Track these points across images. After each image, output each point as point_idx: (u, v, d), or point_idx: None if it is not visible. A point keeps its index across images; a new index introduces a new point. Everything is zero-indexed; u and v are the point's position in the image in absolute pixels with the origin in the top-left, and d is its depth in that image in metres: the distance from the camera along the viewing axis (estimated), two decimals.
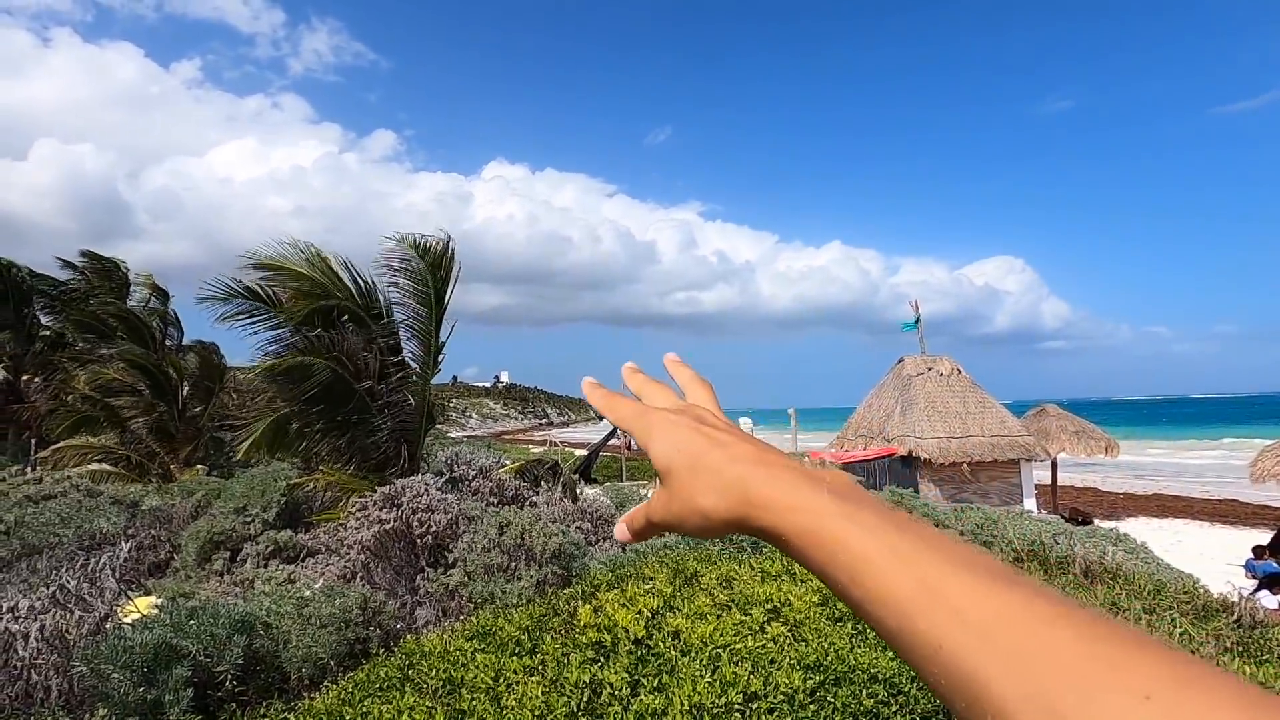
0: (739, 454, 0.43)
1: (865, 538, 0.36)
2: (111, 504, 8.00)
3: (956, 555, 0.35)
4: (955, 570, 0.33)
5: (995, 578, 0.33)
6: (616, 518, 6.45)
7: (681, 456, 0.44)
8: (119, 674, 2.85)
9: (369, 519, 5.30)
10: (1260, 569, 9.85)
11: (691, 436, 0.45)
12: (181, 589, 5.81)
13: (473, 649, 2.56)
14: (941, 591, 0.33)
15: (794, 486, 0.40)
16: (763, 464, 0.42)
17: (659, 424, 0.47)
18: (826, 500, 0.38)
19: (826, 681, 2.31)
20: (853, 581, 0.36)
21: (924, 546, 0.35)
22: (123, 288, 15.68)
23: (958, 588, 0.33)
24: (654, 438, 0.47)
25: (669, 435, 0.46)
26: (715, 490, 0.42)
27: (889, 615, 0.34)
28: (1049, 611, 0.31)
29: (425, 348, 7.89)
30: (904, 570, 0.34)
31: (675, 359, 0.60)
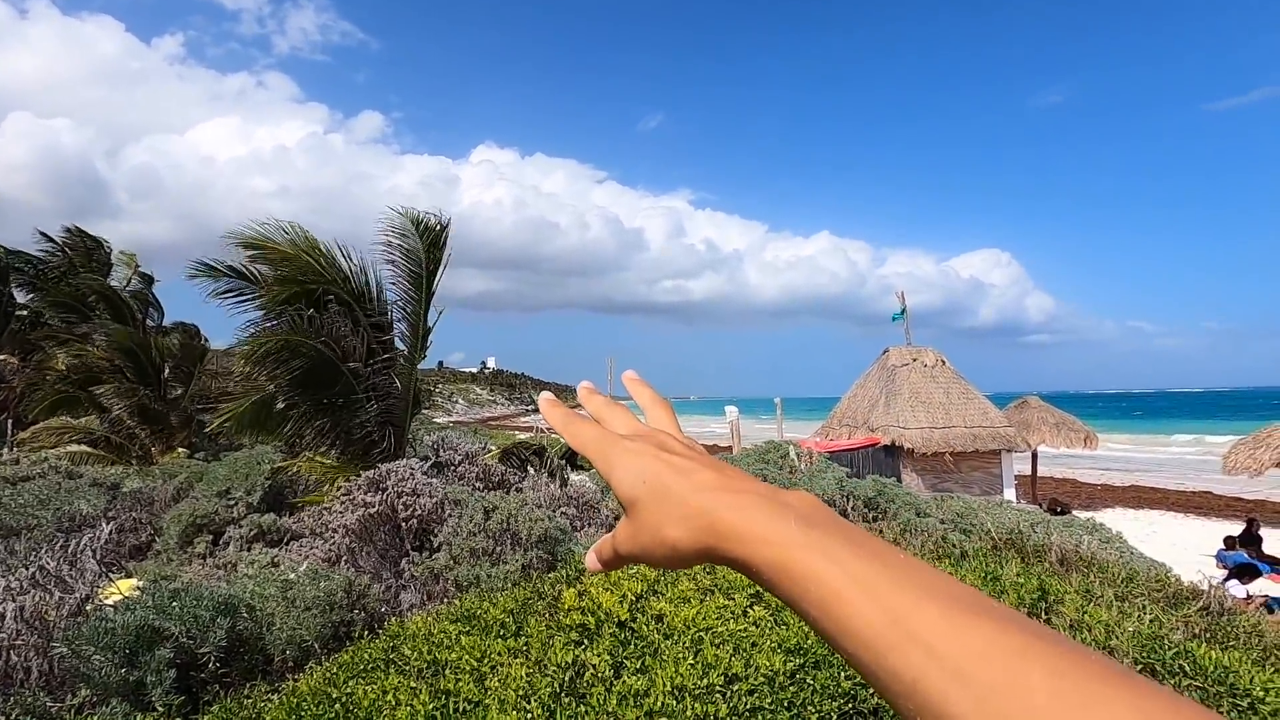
0: (703, 482, 0.42)
1: (833, 569, 0.35)
2: (91, 486, 7.92)
3: (925, 584, 0.34)
4: (924, 602, 0.33)
5: (965, 608, 0.32)
6: (602, 503, 6.48)
7: (645, 487, 0.43)
8: (100, 655, 2.84)
9: (354, 503, 5.30)
10: (1230, 559, 10.09)
11: (654, 465, 0.43)
12: (163, 571, 5.78)
13: (457, 631, 2.58)
14: (911, 626, 0.32)
15: (760, 516, 0.39)
16: (727, 491, 0.41)
17: (621, 452, 0.45)
18: (794, 530, 0.37)
19: (806, 664, 2.35)
20: (824, 614, 0.35)
21: (892, 576, 0.34)
22: (104, 267, 15.43)
23: (928, 621, 0.32)
24: (616, 466, 0.45)
25: (632, 464, 0.44)
26: (680, 521, 0.41)
27: (861, 649, 0.33)
28: (1019, 646, 0.30)
29: (413, 331, 7.85)
30: (872, 603, 0.33)
31: (634, 377, 0.57)
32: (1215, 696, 2.27)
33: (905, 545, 4.75)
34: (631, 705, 1.98)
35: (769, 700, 2.15)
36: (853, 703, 2.30)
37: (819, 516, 0.39)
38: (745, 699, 2.11)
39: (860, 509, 5.51)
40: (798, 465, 7.56)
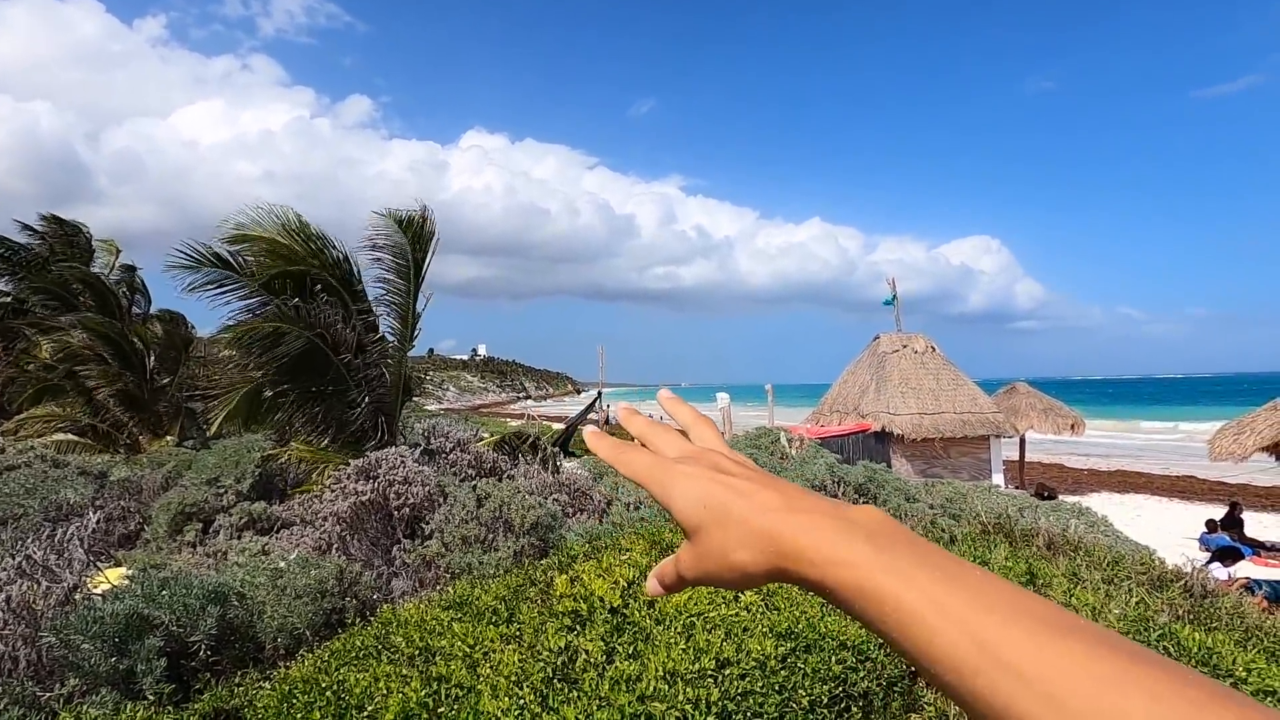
0: (766, 503, 0.41)
1: (910, 593, 0.35)
2: (79, 475, 7.85)
3: (1008, 605, 0.33)
4: (1009, 624, 0.32)
5: (1052, 630, 0.32)
6: (594, 490, 6.48)
7: (707, 512, 0.42)
8: (89, 644, 2.83)
9: (345, 491, 5.28)
10: (1213, 542, 10.25)
11: (713, 488, 0.43)
12: (153, 560, 5.75)
13: (449, 618, 2.58)
14: (997, 650, 0.31)
15: (829, 537, 0.38)
16: (793, 511, 0.40)
17: (677, 477, 0.45)
18: (865, 551, 0.37)
19: (797, 648, 2.37)
20: (904, 637, 0.34)
21: (971, 597, 0.34)
22: (86, 254, 15.21)
23: (1014, 644, 0.31)
24: (673, 492, 0.44)
25: (690, 489, 0.44)
26: (748, 545, 0.41)
27: (946, 672, 0.33)
28: (1113, 669, 0.30)
29: (402, 320, 7.79)
30: (955, 627, 0.33)
31: (670, 396, 0.57)
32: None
33: None
34: (624, 690, 1.99)
35: (760, 684, 2.17)
36: (843, 686, 2.32)
37: (888, 533, 0.38)
38: (737, 683, 2.13)
39: (851, 495, 5.55)
40: (789, 451, 7.59)
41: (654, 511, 4.89)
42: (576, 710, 1.90)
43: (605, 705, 1.95)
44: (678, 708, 1.96)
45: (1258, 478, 19.03)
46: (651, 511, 4.92)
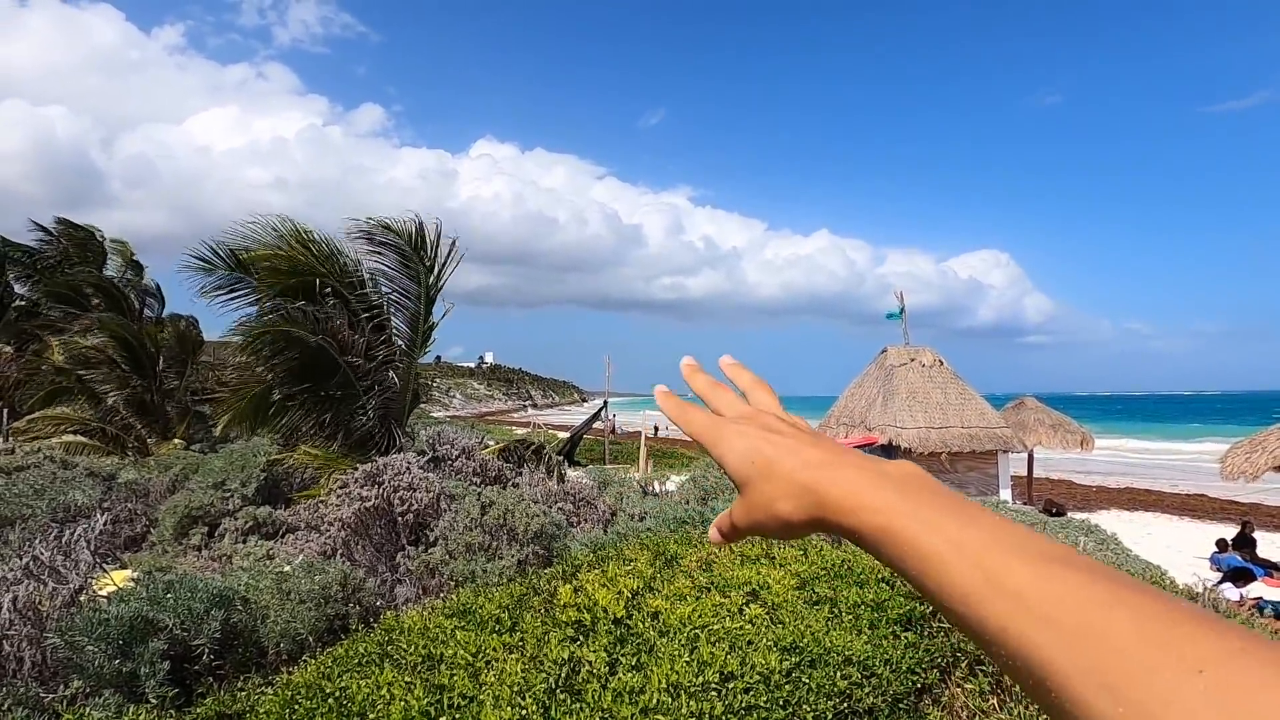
0: (809, 459, 0.45)
1: (930, 534, 0.38)
2: (87, 476, 7.89)
3: (1017, 544, 0.36)
4: (1013, 558, 0.36)
5: (1052, 561, 0.35)
6: (599, 500, 6.46)
7: (754, 467, 0.46)
8: (94, 646, 2.83)
9: (350, 496, 5.28)
10: (1224, 562, 10.12)
11: (762, 445, 0.47)
12: (158, 563, 5.76)
13: (453, 626, 2.57)
14: (1003, 581, 0.35)
15: (861, 488, 0.42)
16: (831, 466, 0.44)
17: (730, 435, 0.49)
18: (892, 499, 0.40)
19: (802, 663, 2.35)
20: (923, 574, 0.38)
21: (985, 538, 0.37)
22: (99, 257, 15.36)
23: (1017, 575, 0.35)
24: (725, 448, 0.49)
25: (740, 446, 0.48)
26: (790, 496, 0.44)
27: (957, 605, 0.36)
28: (1105, 595, 0.33)
29: (413, 326, 7.82)
30: (967, 564, 0.36)
31: (733, 362, 0.61)
32: None
33: None
34: (627, 702, 1.97)
35: (764, 699, 2.15)
36: (848, 702, 2.30)
37: (916, 484, 0.42)
38: (741, 697, 2.11)
39: None
40: None
41: (658, 521, 4.87)
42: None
43: (608, 717, 1.93)
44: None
45: (1270, 497, 18.80)
46: (656, 522, 4.90)
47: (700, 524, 4.73)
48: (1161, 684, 0.29)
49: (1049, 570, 0.35)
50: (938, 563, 0.37)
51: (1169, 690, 0.29)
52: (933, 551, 0.38)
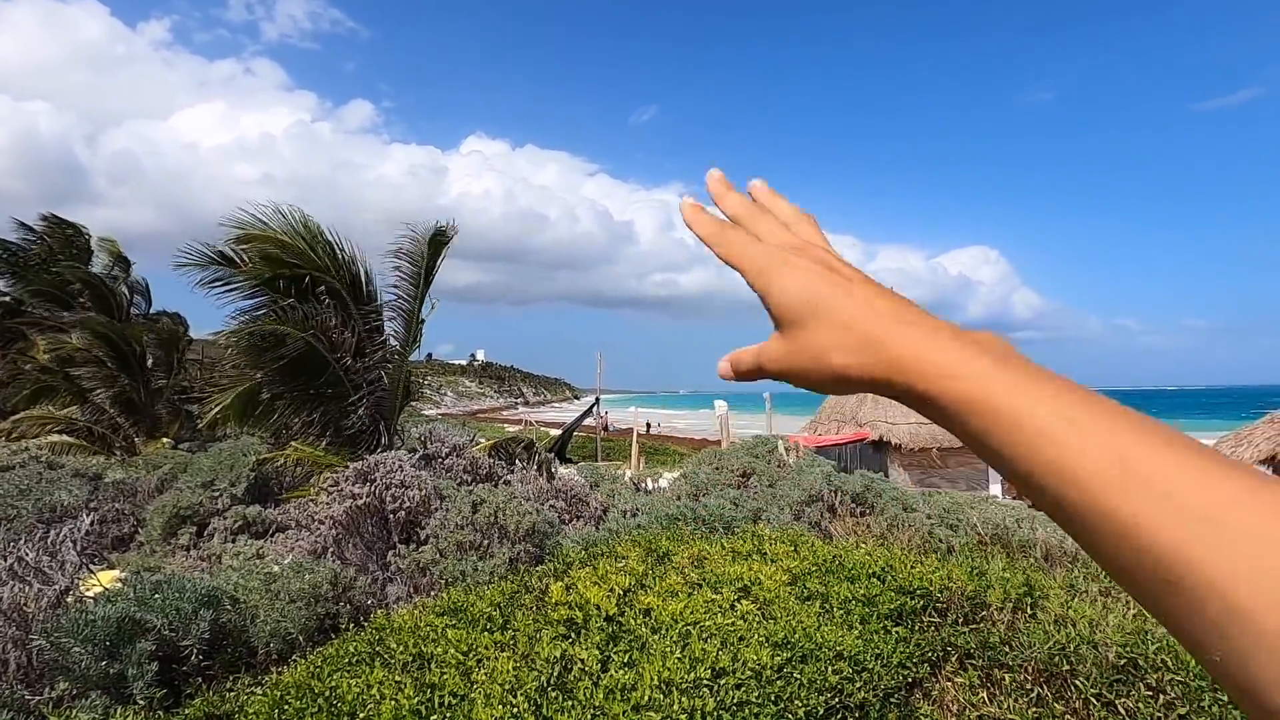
0: (880, 309, 0.39)
1: (1040, 408, 0.33)
2: (73, 476, 7.82)
3: (1152, 432, 0.32)
4: (1156, 448, 0.31)
5: (1204, 458, 0.31)
6: (590, 497, 6.46)
7: (811, 308, 0.40)
8: (80, 647, 2.80)
9: (341, 494, 5.25)
10: None
11: (824, 286, 0.40)
12: (146, 563, 5.71)
13: (444, 624, 2.56)
14: (1143, 471, 0.30)
15: (949, 350, 0.36)
16: (907, 323, 0.38)
17: (784, 266, 0.42)
18: (988, 366, 0.35)
19: (793, 658, 2.35)
20: (1030, 452, 0.33)
21: (1113, 420, 0.33)
22: (85, 254, 15.19)
23: (1164, 468, 0.30)
24: (776, 281, 0.42)
25: (797, 280, 0.41)
26: (850, 348, 0.39)
27: (1070, 488, 0.32)
28: (1273, 501, 0.28)
29: (406, 325, 7.79)
30: (1094, 445, 0.32)
31: (766, 188, 0.51)
32: (1197, 691, 2.30)
33: (893, 539, 4.78)
34: (618, 699, 1.97)
35: (756, 694, 2.15)
36: (839, 697, 2.31)
37: (1011, 353, 0.37)
38: (732, 693, 2.11)
39: (848, 503, 5.54)
40: (786, 459, 7.58)
41: (650, 518, 4.87)
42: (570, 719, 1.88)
43: (600, 715, 1.93)
44: (673, 718, 1.95)
45: None
46: (648, 518, 4.90)
47: (692, 520, 4.74)
48: None
49: (1204, 465, 0.30)
50: (1049, 439, 0.33)
51: None
52: (1046, 429, 0.33)
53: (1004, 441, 0.34)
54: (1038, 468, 0.33)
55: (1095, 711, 2.37)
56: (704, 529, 4.54)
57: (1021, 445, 0.33)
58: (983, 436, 0.35)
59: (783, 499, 5.61)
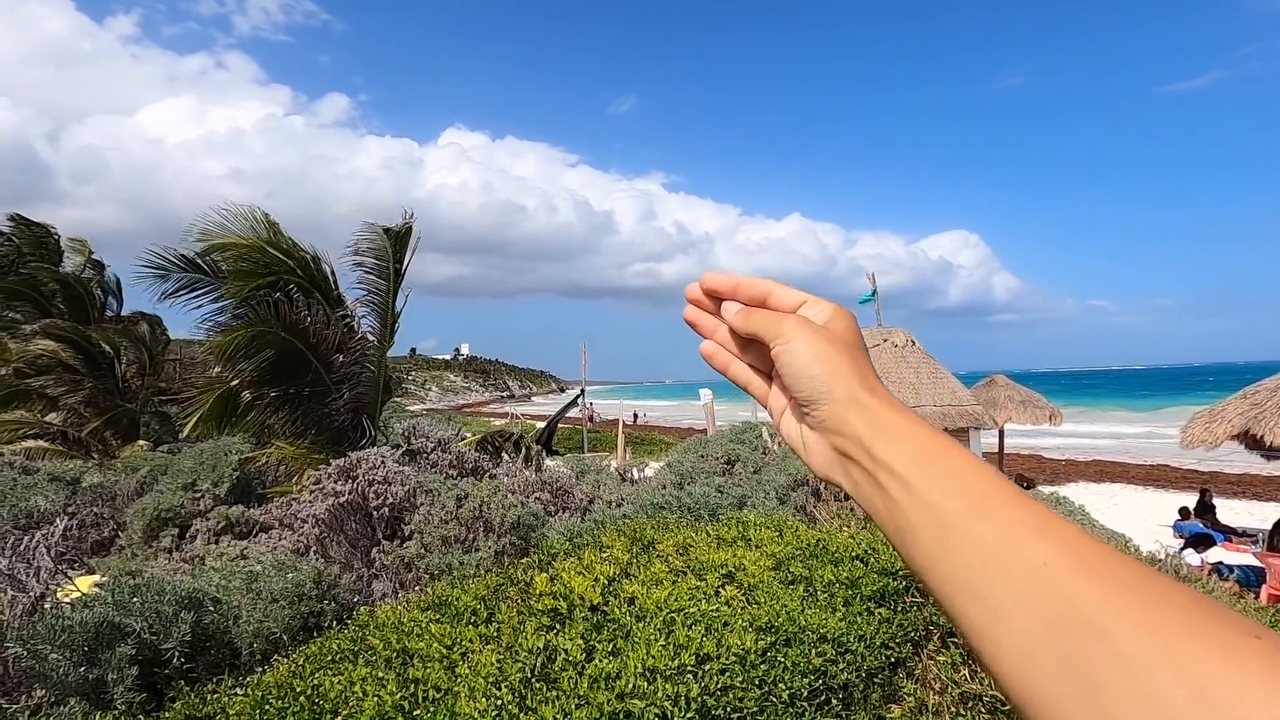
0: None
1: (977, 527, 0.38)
2: (50, 481, 7.68)
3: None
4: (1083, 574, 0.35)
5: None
6: (576, 489, 6.45)
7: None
8: (58, 654, 2.76)
9: (324, 492, 5.21)
10: (1186, 529, 10.45)
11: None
12: (127, 567, 5.64)
13: (427, 619, 2.55)
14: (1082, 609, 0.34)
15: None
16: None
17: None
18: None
19: (777, 642, 2.37)
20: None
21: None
22: (56, 255, 14.87)
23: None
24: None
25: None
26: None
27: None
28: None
29: (381, 319, 7.71)
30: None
31: (724, 281, 0.55)
32: None
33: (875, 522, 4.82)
34: (603, 688, 1.97)
35: (740, 679, 2.17)
36: (823, 678, 2.33)
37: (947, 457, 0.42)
38: (716, 678, 2.12)
39: (832, 488, 5.58)
40: (770, 446, 7.63)
41: (636, 508, 4.88)
42: (555, 710, 1.88)
43: (584, 704, 1.93)
44: (657, 705, 1.96)
45: (1229, 465, 19.43)
46: (634, 508, 4.91)
47: (678, 508, 4.75)
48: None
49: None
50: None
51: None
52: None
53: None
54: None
55: None
56: (689, 517, 4.55)
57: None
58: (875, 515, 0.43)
59: (768, 485, 5.64)
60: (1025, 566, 0.34)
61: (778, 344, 0.48)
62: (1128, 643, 0.30)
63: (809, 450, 0.48)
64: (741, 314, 0.51)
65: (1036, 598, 0.33)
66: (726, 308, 0.53)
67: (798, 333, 0.47)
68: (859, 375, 0.46)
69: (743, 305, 0.52)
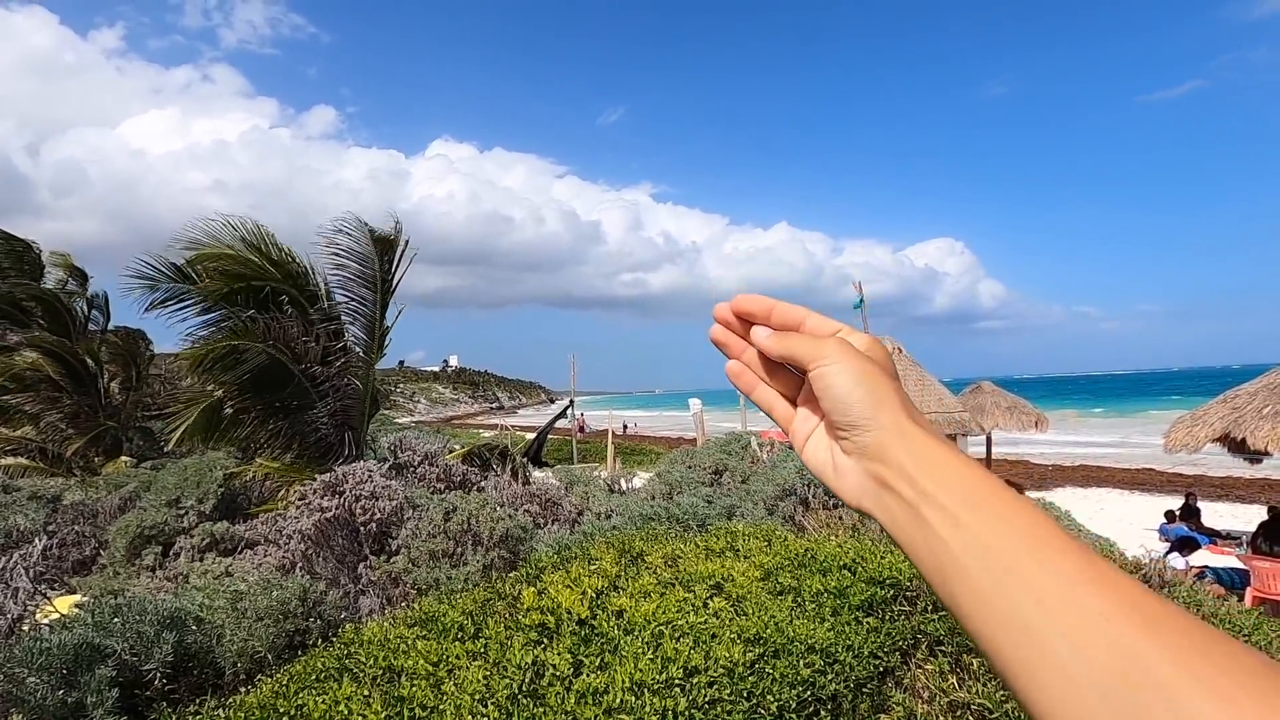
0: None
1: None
2: (29, 499, 7.56)
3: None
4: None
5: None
6: (565, 500, 6.42)
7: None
8: (35, 677, 2.70)
9: (310, 507, 5.16)
10: (1172, 533, 10.54)
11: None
12: (109, 586, 5.55)
13: (414, 636, 2.52)
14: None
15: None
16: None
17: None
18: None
19: (766, 654, 2.37)
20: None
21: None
22: (37, 270, 14.69)
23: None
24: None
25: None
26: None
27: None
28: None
29: (369, 331, 7.66)
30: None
31: (756, 305, 0.54)
32: None
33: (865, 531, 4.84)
34: (590, 703, 1.96)
35: (728, 691, 2.16)
36: (811, 690, 2.33)
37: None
38: (705, 691, 2.12)
39: (820, 496, 5.59)
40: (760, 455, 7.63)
41: (625, 519, 4.86)
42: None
43: (571, 719, 1.92)
44: (645, 719, 1.94)
45: (1214, 469, 19.65)
46: (623, 519, 4.90)
47: (666, 519, 4.74)
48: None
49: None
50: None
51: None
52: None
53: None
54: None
55: None
56: (678, 528, 4.55)
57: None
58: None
59: (756, 494, 5.65)
60: (1083, 618, 0.34)
61: (820, 365, 0.47)
62: (1197, 707, 0.29)
63: (841, 476, 0.47)
64: (775, 337, 0.51)
65: (1095, 651, 0.33)
66: (757, 331, 0.52)
67: (841, 354, 0.46)
68: (903, 403, 0.45)
69: (774, 330, 0.52)
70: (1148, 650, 0.32)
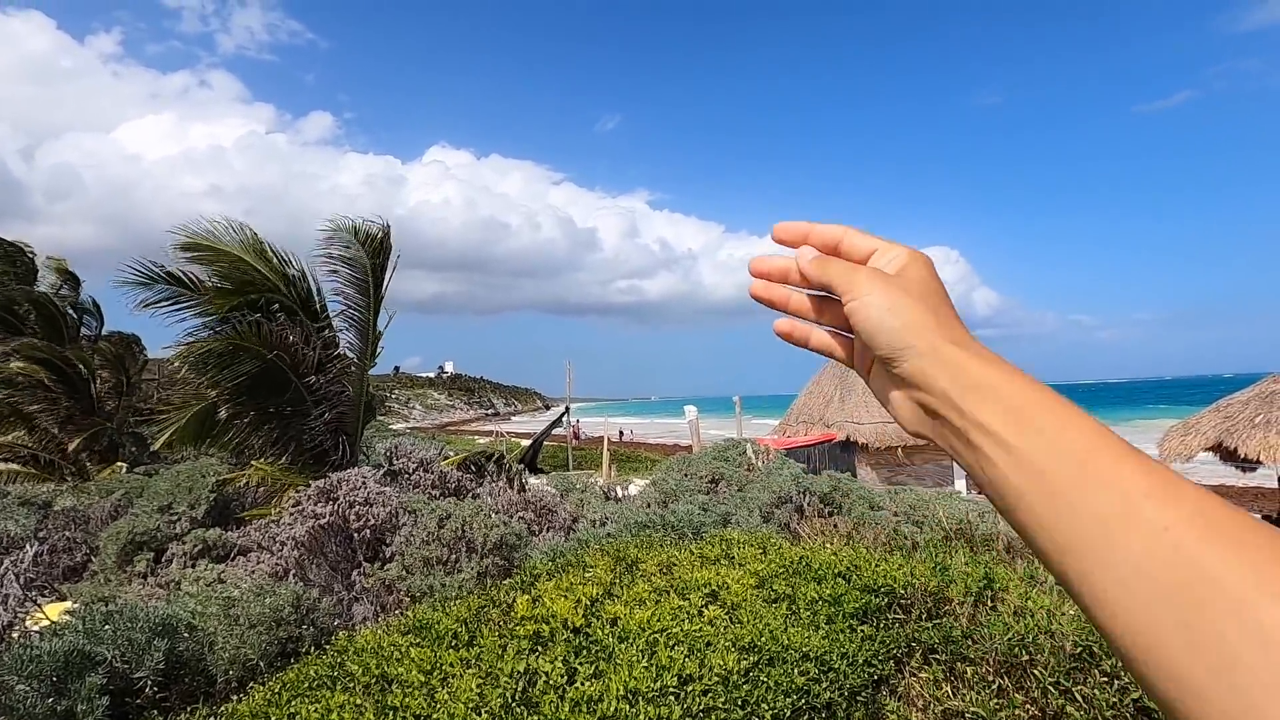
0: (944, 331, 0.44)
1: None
2: (20, 505, 7.50)
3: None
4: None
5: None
6: (560, 507, 6.41)
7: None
8: (24, 685, 2.68)
9: (303, 514, 5.14)
10: None
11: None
12: (100, 593, 5.51)
13: (407, 643, 2.51)
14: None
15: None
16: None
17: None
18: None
19: (760, 661, 2.36)
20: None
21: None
22: (30, 274, 14.63)
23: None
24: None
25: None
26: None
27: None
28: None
29: (362, 337, 7.65)
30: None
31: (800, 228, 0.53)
32: None
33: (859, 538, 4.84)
34: (584, 711, 1.96)
35: (723, 699, 2.16)
36: (806, 698, 2.32)
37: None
38: (699, 699, 2.11)
39: (816, 504, 5.59)
40: (755, 462, 7.63)
41: (620, 526, 4.86)
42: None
43: None
44: None
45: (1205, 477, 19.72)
46: (618, 527, 4.89)
47: (661, 527, 4.74)
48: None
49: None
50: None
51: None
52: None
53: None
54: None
55: (1054, 700, 2.43)
56: (673, 535, 4.54)
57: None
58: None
59: (751, 502, 5.65)
60: (1144, 532, 0.33)
61: (851, 299, 0.46)
62: (1265, 611, 0.29)
63: (895, 407, 0.46)
64: (817, 261, 0.50)
65: (1158, 565, 0.32)
66: (802, 253, 0.51)
67: (871, 286, 0.45)
68: (940, 325, 0.44)
69: (816, 252, 0.51)
70: (1211, 559, 0.31)
